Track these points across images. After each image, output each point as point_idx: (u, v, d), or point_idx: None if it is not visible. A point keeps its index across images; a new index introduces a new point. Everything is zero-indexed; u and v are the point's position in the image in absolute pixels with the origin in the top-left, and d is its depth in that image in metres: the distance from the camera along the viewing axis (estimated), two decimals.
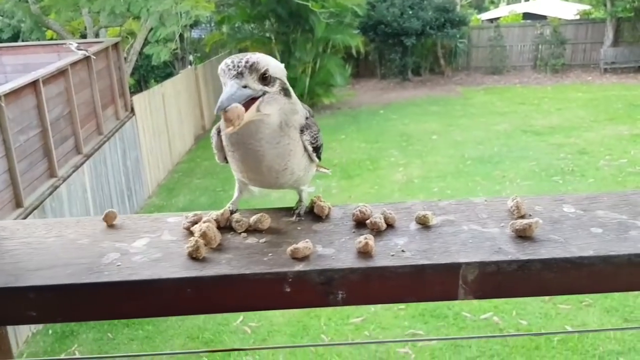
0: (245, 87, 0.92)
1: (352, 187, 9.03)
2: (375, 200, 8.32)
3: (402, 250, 0.85)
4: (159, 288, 0.81)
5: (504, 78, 19.00)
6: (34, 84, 6.63)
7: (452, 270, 0.81)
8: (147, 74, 16.76)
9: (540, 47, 19.76)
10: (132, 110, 9.82)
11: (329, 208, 1.00)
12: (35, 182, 6.55)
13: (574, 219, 0.92)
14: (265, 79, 0.94)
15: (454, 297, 0.81)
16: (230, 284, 0.81)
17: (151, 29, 10.75)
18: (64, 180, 7.05)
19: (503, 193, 8.15)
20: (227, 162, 1.09)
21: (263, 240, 0.91)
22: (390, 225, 0.93)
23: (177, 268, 0.83)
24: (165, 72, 16.24)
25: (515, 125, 12.29)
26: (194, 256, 0.85)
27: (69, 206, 7.10)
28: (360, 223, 0.94)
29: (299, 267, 0.81)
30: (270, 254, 0.86)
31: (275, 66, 0.97)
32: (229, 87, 0.91)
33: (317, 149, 1.08)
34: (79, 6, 11.12)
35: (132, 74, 13.33)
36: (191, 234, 0.91)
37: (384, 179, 9.31)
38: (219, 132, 1.07)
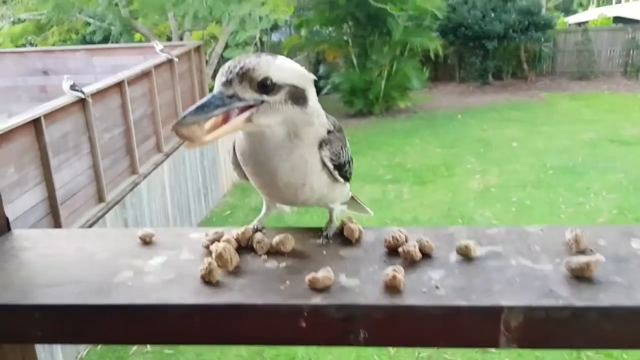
0: (232, 96, 0.83)
1: (425, 194, 8.85)
2: (448, 208, 8.12)
3: (437, 287, 0.75)
4: (166, 314, 0.76)
5: (591, 84, 18.07)
6: (119, 84, 6.95)
7: (492, 314, 0.71)
8: None
9: (632, 52, 18.65)
10: None
11: (360, 231, 0.90)
12: (118, 178, 6.86)
13: None
14: (265, 86, 0.85)
15: (494, 344, 0.71)
16: (240, 314, 0.75)
17: (232, 32, 11.02)
18: (144, 178, 7.33)
19: (587, 206, 7.73)
20: (247, 178, 1.01)
21: (284, 264, 0.84)
22: (426, 255, 0.82)
23: (187, 292, 0.78)
24: None
25: (603, 135, 11.65)
26: (207, 280, 0.79)
27: (148, 202, 7.38)
28: (394, 250, 0.84)
29: (317, 299, 0.74)
30: (288, 282, 0.78)
31: (284, 71, 0.88)
32: (206, 97, 0.83)
33: (340, 167, 0.97)
34: (165, 10, 11.57)
35: (213, 77, 13.71)
36: (210, 253, 0.85)
37: (459, 187, 9.06)
38: (234, 146, 0.98)
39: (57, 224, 5.54)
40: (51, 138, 5.49)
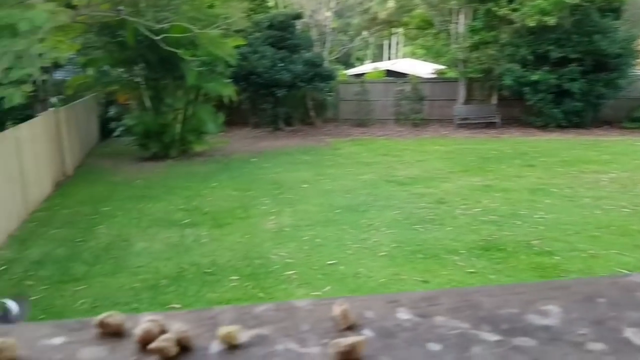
0: None
1: (223, 236, 8.90)
2: (246, 250, 8.26)
3: None
4: None
5: (369, 130, 20.06)
6: None
7: None
8: (4, 116, 15.49)
9: (401, 102, 21.20)
10: None
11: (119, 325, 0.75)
12: None
13: (409, 330, 0.76)
14: None
15: None
16: None
17: (5, 68, 10.03)
18: None
19: (370, 241, 8.47)
20: None
21: None
22: (184, 347, 0.71)
23: None
24: (25, 114, 15.13)
25: (380, 175, 12.95)
26: None
27: None
28: (147, 345, 0.71)
29: None
30: None
31: None
32: None
33: None
34: None
35: None
36: None
37: (256, 228, 9.30)
38: None
39: None
40: None
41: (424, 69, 24.52)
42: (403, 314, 0.79)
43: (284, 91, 18.21)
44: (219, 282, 7.18)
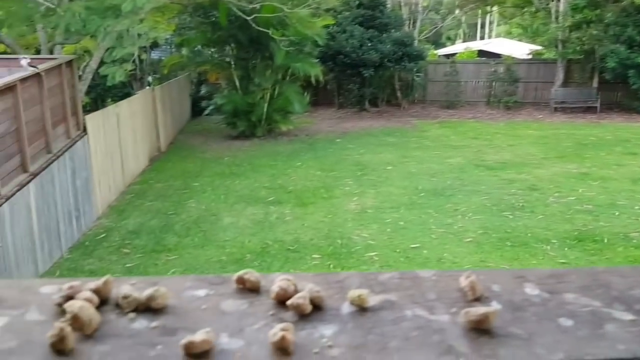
0: None
1: (306, 215, 8.99)
2: (328, 230, 8.31)
3: (329, 346, 0.67)
4: None
5: (458, 112, 19.49)
6: None
7: None
8: (104, 93, 16.45)
9: (494, 84, 20.41)
10: (85, 129, 9.58)
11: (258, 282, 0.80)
12: None
13: (539, 305, 0.76)
14: None
15: None
16: None
17: (108, 48, 10.58)
18: (6, 200, 6.76)
19: (455, 227, 8.26)
20: None
21: (155, 324, 0.70)
22: (317, 306, 0.74)
23: None
24: (123, 91, 15.98)
25: (469, 159, 12.57)
26: (58, 348, 0.64)
27: (11, 226, 6.81)
28: (281, 302, 0.75)
29: None
30: (159, 346, 0.66)
31: None
32: None
33: None
34: (33, 21, 10.86)
35: (87, 93, 13.04)
36: (64, 312, 0.69)
37: (338, 208, 9.32)
38: None
39: None
40: None
41: (519, 49, 23.43)
42: (531, 290, 0.79)
43: (371, 71, 18.01)
44: (301, 260, 7.28)
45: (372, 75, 18.24)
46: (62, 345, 0.64)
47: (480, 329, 0.69)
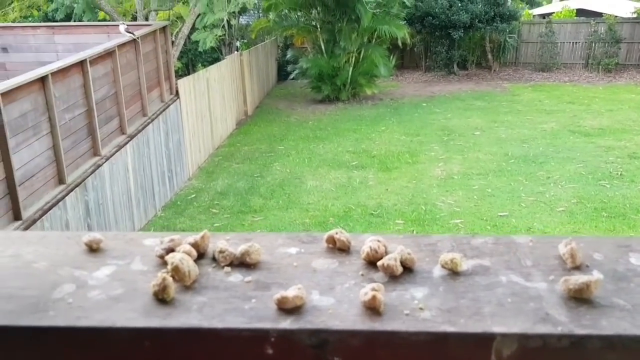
0: None
1: (390, 180, 8.94)
2: (412, 195, 8.22)
3: (420, 308, 0.66)
4: (110, 338, 0.65)
5: (553, 75, 18.47)
6: (81, 63, 6.77)
7: (483, 342, 0.62)
8: (195, 58, 16.97)
9: (593, 45, 19.10)
10: (177, 93, 9.95)
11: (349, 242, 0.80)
12: (79, 160, 6.71)
13: None
14: None
15: None
16: (198, 339, 0.64)
17: (199, 14, 10.83)
18: (107, 160, 7.20)
19: (547, 195, 7.93)
20: None
21: (249, 278, 0.73)
22: (407, 268, 0.73)
23: (136, 313, 0.66)
24: (213, 56, 16.41)
25: (563, 125, 11.94)
26: (160, 297, 0.68)
27: (110, 184, 7.26)
28: (372, 263, 0.75)
29: (286, 323, 0.64)
30: (254, 300, 0.68)
31: None
32: None
33: None
34: None
35: (179, 58, 13.50)
36: (165, 264, 0.73)
37: (423, 174, 9.18)
38: None
39: (15, 205, 5.40)
40: (9, 117, 5.33)
41: (623, 7, 21.69)
42: (636, 260, 0.75)
43: (461, 33, 17.35)
44: (384, 224, 7.28)
45: (461, 37, 17.59)
46: (164, 294, 0.68)
47: (580, 298, 0.66)
